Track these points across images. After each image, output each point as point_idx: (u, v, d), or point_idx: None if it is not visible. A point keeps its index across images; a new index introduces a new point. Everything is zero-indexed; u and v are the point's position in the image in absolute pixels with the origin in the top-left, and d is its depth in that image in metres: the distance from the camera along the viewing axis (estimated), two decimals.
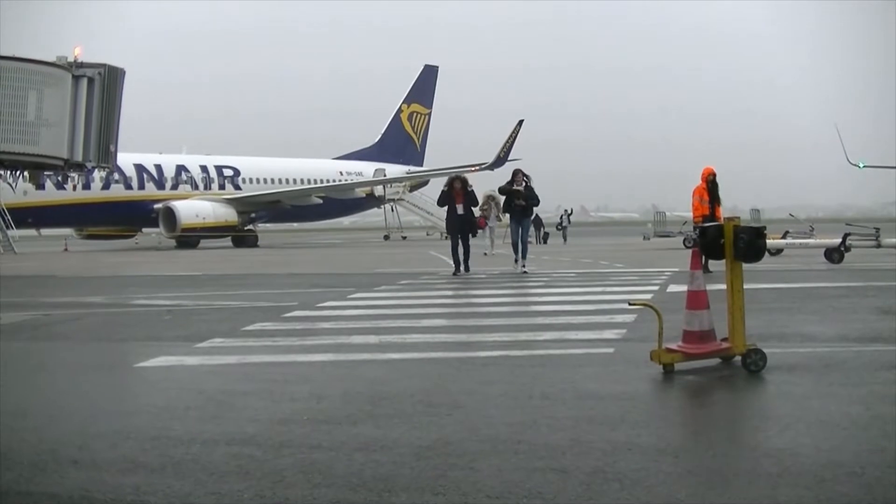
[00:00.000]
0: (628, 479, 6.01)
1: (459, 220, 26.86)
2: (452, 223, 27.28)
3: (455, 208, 26.72)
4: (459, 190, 26.82)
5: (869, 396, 8.50)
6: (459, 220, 26.86)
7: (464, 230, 26.85)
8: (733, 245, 9.87)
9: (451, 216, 27.19)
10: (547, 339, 12.50)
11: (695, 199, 25.81)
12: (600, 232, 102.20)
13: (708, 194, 25.48)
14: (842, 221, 37.58)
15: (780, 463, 6.33)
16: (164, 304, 18.47)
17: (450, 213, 27.17)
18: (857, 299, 17.18)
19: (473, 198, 27.92)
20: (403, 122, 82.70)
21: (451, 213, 27.00)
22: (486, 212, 40.85)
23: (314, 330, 13.89)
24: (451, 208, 26.93)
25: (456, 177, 27.96)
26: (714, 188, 25.53)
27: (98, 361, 11.81)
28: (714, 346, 10.04)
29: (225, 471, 6.37)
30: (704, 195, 25.58)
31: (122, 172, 56.72)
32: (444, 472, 6.30)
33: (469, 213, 27.16)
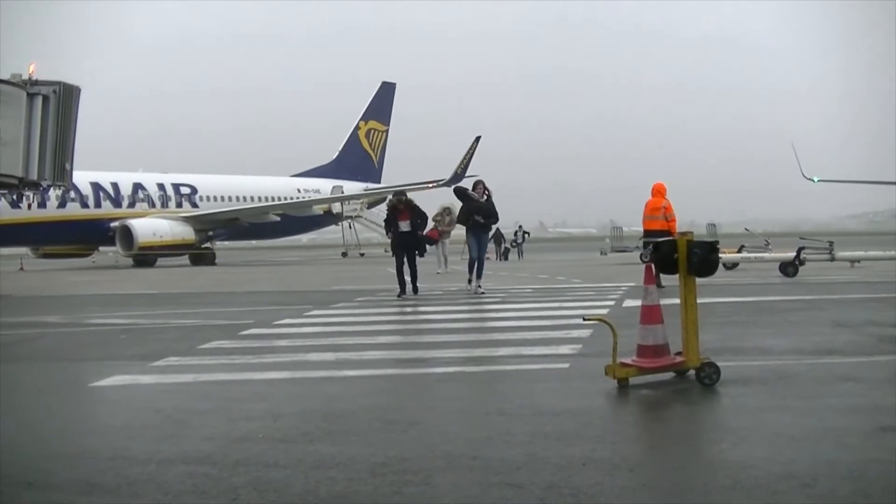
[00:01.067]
0: (584, 493, 6.04)
1: (404, 237, 25.21)
2: (396, 241, 25.51)
3: (398, 225, 25.14)
4: (404, 210, 25.30)
5: (823, 409, 8.56)
6: (404, 238, 25.21)
7: (410, 249, 25.20)
8: (687, 260, 9.94)
9: (394, 233, 25.48)
10: (503, 355, 12.52)
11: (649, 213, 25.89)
12: (558, 247, 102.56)
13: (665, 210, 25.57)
14: (797, 235, 37.82)
15: (734, 476, 6.37)
16: (120, 324, 18.38)
17: (393, 231, 25.46)
18: (811, 312, 17.31)
19: (420, 213, 25.85)
20: (361, 139, 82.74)
21: (395, 231, 25.32)
22: (441, 224, 38.58)
23: (271, 348, 13.86)
24: (394, 225, 25.31)
25: (397, 199, 26.08)
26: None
27: (54, 382, 11.74)
28: (668, 361, 10.09)
29: (181, 490, 6.35)
30: (645, 212, 25.77)
31: (79, 191, 56.43)
32: (400, 488, 6.31)
33: (415, 229, 25.40)
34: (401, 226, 25.04)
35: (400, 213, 25.18)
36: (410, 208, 25.46)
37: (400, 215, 25.13)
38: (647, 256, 21.60)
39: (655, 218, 25.63)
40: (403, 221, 25.04)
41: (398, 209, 25.33)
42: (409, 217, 25.11)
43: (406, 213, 25.17)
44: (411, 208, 25.48)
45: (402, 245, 25.22)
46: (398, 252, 25.28)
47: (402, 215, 25.12)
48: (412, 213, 25.29)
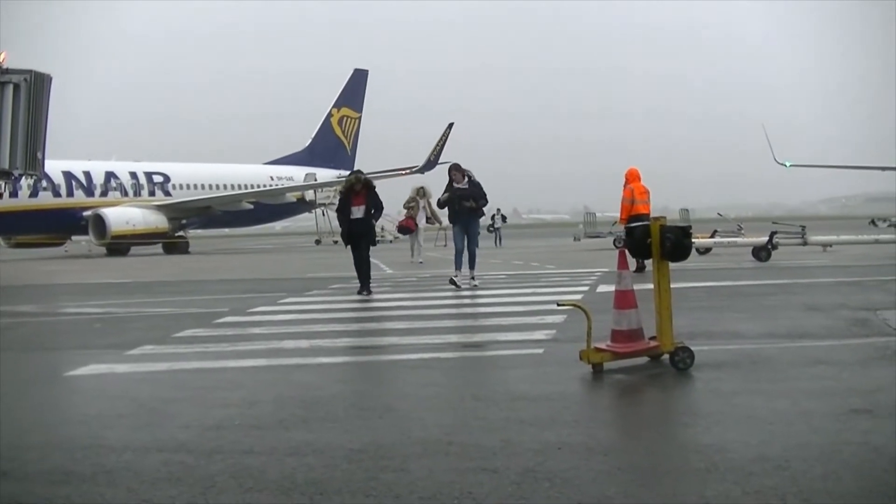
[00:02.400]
0: (559, 478, 6.07)
1: (354, 225, 21.50)
2: (345, 229, 21.97)
3: (349, 211, 21.47)
4: (361, 191, 21.55)
5: (795, 392, 8.63)
6: (354, 226, 21.52)
7: (360, 239, 21.63)
8: (660, 245, 9.98)
9: (343, 221, 21.86)
10: (477, 341, 12.58)
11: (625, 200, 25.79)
12: (532, 234, 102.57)
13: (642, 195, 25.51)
14: (770, 220, 37.94)
15: (708, 459, 6.42)
16: (94, 313, 18.33)
17: (342, 218, 21.91)
18: (783, 296, 17.41)
19: (377, 201, 21.87)
20: (334, 127, 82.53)
21: (345, 217, 21.68)
22: (413, 210, 35.69)
23: (245, 335, 13.85)
24: (343, 209, 21.85)
25: (355, 178, 22.09)
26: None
27: (28, 371, 11.71)
28: (642, 345, 10.14)
29: (157, 478, 6.36)
30: (635, 195, 25.65)
31: (51, 180, 56.13)
32: (376, 474, 6.33)
33: (368, 217, 21.66)
34: (353, 211, 21.40)
35: (355, 196, 21.52)
36: (368, 191, 21.70)
37: (355, 198, 21.49)
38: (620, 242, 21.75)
39: (645, 202, 25.46)
40: (357, 207, 21.40)
41: (354, 190, 21.64)
42: (364, 201, 21.45)
43: (362, 197, 21.48)
44: (369, 191, 21.71)
45: (352, 234, 21.64)
46: (350, 242, 21.85)
47: (358, 198, 21.47)
48: (369, 198, 21.55)
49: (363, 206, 21.44)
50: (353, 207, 21.45)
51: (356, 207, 21.43)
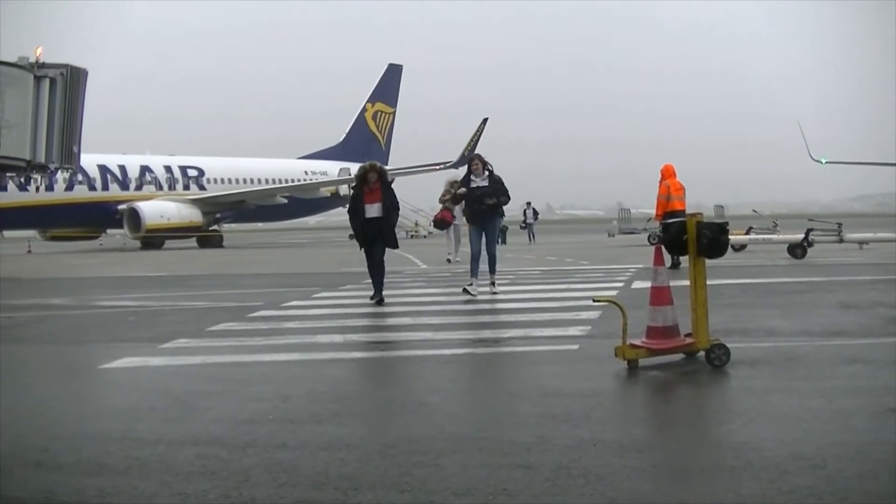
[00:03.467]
0: (593, 474, 6.04)
1: (368, 226, 18.24)
2: (358, 230, 18.65)
3: (363, 209, 18.23)
4: (375, 184, 18.22)
5: (830, 390, 8.57)
6: (368, 227, 18.26)
7: (375, 239, 18.39)
8: (696, 241, 9.93)
9: (356, 220, 18.55)
10: (512, 337, 12.54)
11: (661, 196, 25.67)
12: (566, 230, 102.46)
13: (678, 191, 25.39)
14: (805, 217, 37.76)
15: (742, 457, 6.37)
16: (128, 306, 18.42)
17: (355, 217, 18.59)
18: (819, 294, 17.31)
19: (393, 196, 18.58)
20: (368, 121, 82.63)
21: (357, 217, 18.42)
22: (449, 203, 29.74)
23: (279, 329, 13.87)
24: (356, 210, 18.48)
25: (370, 167, 18.60)
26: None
27: (62, 364, 11.78)
28: (678, 342, 10.09)
29: (190, 471, 6.36)
30: (671, 192, 25.54)
31: (86, 173, 56.38)
32: (410, 469, 6.31)
33: (386, 215, 18.23)
34: (367, 210, 18.14)
35: (369, 191, 18.23)
36: (384, 184, 18.43)
37: (369, 194, 18.22)
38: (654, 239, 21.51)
39: (681, 198, 25.34)
40: (371, 204, 18.15)
41: (368, 183, 18.24)
42: (380, 197, 18.20)
43: (377, 192, 18.22)
44: (385, 185, 18.45)
45: (368, 236, 18.35)
46: (365, 245, 18.55)
47: (373, 195, 18.19)
48: (385, 193, 18.31)
49: (378, 202, 18.14)
50: (366, 205, 18.15)
51: (370, 205, 18.14)
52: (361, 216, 18.19)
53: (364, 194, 18.23)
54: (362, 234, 18.37)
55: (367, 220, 18.14)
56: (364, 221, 18.18)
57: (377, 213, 18.11)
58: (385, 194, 18.24)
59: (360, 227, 18.37)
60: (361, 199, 18.26)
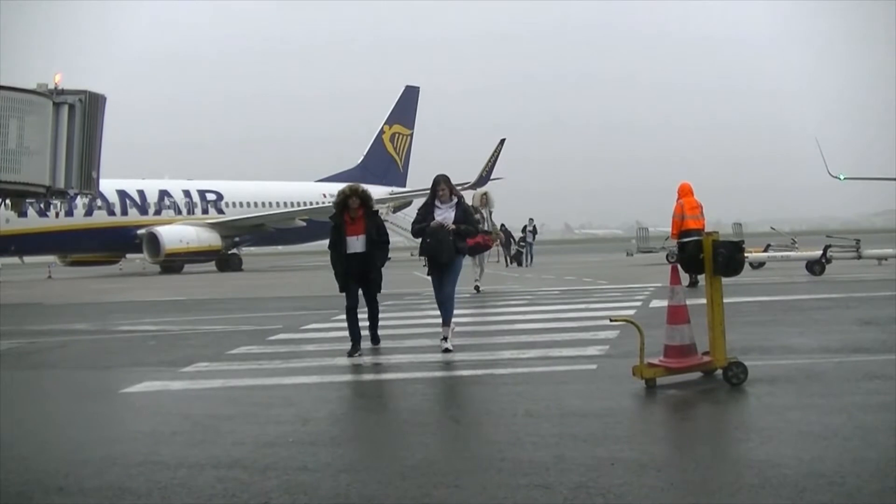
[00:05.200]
0: (612, 493, 6.07)
1: (354, 262, 14.42)
2: (339, 268, 14.58)
3: (344, 241, 14.42)
4: (358, 211, 14.45)
5: (850, 407, 8.57)
6: (354, 263, 14.43)
7: (363, 278, 14.61)
8: (712, 260, 9.95)
9: (336, 256, 14.58)
10: (530, 357, 12.54)
11: (675, 215, 25.67)
12: (584, 249, 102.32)
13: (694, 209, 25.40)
14: (824, 233, 37.63)
15: (761, 474, 6.39)
16: (148, 330, 18.47)
17: (335, 252, 14.59)
18: (837, 311, 17.28)
19: (380, 223, 14.94)
20: (385, 144, 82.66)
21: (338, 249, 14.50)
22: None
23: (298, 352, 13.91)
24: (337, 241, 14.51)
25: (351, 190, 14.65)
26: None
27: (83, 388, 11.83)
28: (695, 360, 10.11)
29: (211, 494, 6.40)
30: (686, 211, 25.54)
31: (105, 198, 56.47)
32: (430, 490, 6.35)
33: (372, 249, 14.47)
34: (349, 244, 14.40)
35: (351, 221, 14.48)
36: (368, 212, 14.66)
37: (351, 224, 14.47)
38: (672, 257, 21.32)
39: (696, 217, 25.36)
40: (355, 236, 14.42)
41: (349, 210, 14.45)
42: (363, 228, 14.44)
43: (360, 222, 14.48)
44: (369, 213, 14.68)
45: (351, 273, 14.51)
46: (345, 284, 14.64)
47: (356, 225, 14.46)
48: (370, 223, 14.58)
49: (362, 235, 14.36)
50: (348, 238, 14.37)
51: (353, 238, 14.36)
52: (342, 251, 14.36)
53: (346, 224, 14.40)
54: (343, 274, 14.45)
55: (350, 257, 14.33)
56: (347, 258, 14.36)
57: (361, 247, 14.32)
58: (370, 224, 14.44)
59: (340, 264, 14.44)
60: (343, 230, 14.39)
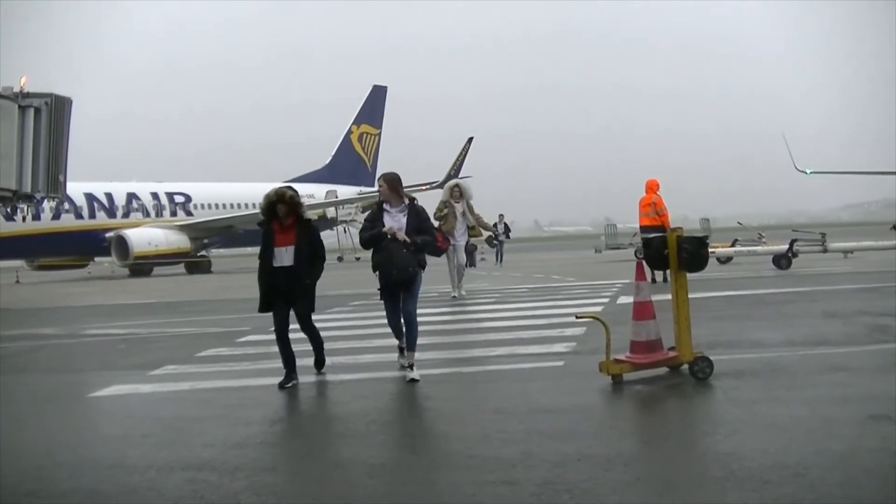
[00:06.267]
0: (578, 489, 6.13)
1: (279, 277, 11.87)
2: (266, 282, 11.99)
3: (272, 254, 11.92)
4: (288, 219, 11.93)
5: (815, 399, 8.68)
6: (276, 280, 11.89)
7: (292, 297, 11.97)
8: (677, 255, 10.02)
9: (262, 273, 12.04)
10: (498, 355, 12.58)
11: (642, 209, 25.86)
12: (553, 246, 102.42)
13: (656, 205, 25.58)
14: (791, 228, 37.75)
15: (726, 467, 6.47)
16: (117, 334, 18.41)
17: (261, 264, 12.07)
18: (803, 304, 17.40)
19: (314, 237, 12.13)
20: (354, 144, 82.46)
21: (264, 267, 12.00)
22: (447, 220, 23.07)
23: (267, 354, 13.89)
24: (264, 255, 12.01)
25: (278, 195, 12.00)
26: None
27: (53, 393, 11.79)
28: (661, 356, 10.18)
29: (180, 496, 6.44)
30: (640, 208, 25.81)
31: (73, 202, 56.11)
32: (398, 488, 6.40)
33: (301, 265, 11.85)
34: (277, 255, 11.90)
35: (280, 229, 11.98)
36: (300, 221, 12.12)
37: (280, 233, 11.99)
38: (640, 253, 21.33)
39: (647, 214, 25.57)
40: (284, 247, 11.90)
41: (277, 217, 11.96)
42: (293, 238, 11.92)
43: (290, 231, 11.96)
44: (301, 222, 12.14)
45: (278, 291, 11.92)
46: (274, 305, 12.07)
47: (284, 234, 11.97)
48: (301, 233, 12.01)
49: (291, 246, 11.86)
50: (275, 248, 11.92)
51: (281, 249, 11.89)
52: (268, 263, 11.94)
53: (274, 233, 12.00)
54: (266, 289, 11.98)
55: (277, 271, 11.86)
56: (273, 273, 11.91)
57: (290, 260, 11.85)
58: (301, 235, 11.97)
59: (265, 278, 12.00)
60: (271, 239, 11.99)
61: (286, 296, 11.93)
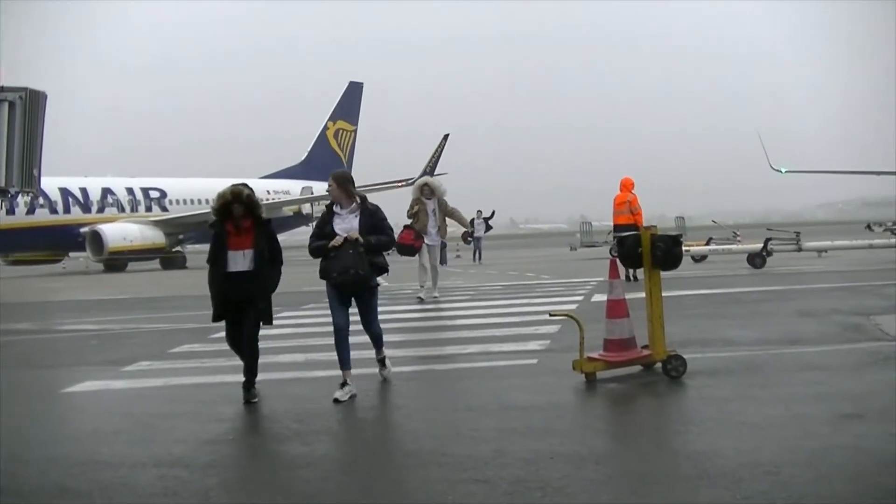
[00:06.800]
0: (551, 487, 6.13)
1: (232, 284, 10.61)
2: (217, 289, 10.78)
3: (225, 259, 10.61)
4: (244, 220, 10.66)
5: (788, 397, 8.70)
6: (232, 287, 10.61)
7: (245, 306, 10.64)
8: (651, 253, 10.03)
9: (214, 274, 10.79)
10: (472, 353, 12.58)
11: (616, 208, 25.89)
12: (528, 244, 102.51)
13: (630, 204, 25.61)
14: (767, 226, 37.82)
15: (699, 465, 6.48)
16: (91, 329, 18.36)
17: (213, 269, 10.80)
18: (777, 303, 17.44)
19: (272, 240, 10.98)
20: (330, 140, 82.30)
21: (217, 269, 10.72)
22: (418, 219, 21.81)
23: None
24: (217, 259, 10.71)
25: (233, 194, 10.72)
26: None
27: (25, 388, 11.75)
28: (635, 354, 10.19)
29: (152, 492, 6.42)
30: (614, 206, 25.85)
31: (47, 196, 55.91)
32: (370, 486, 6.40)
33: (260, 270, 10.62)
34: (231, 259, 10.59)
35: (238, 231, 10.68)
36: (258, 222, 10.86)
37: (235, 236, 10.69)
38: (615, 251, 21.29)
39: (622, 212, 25.54)
40: (239, 251, 10.62)
41: (232, 218, 10.67)
42: (251, 241, 10.66)
43: (248, 234, 10.69)
44: (259, 223, 10.88)
45: (231, 300, 10.69)
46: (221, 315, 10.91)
47: (241, 237, 10.67)
48: (259, 235, 10.75)
49: (249, 249, 10.61)
50: (230, 252, 10.62)
51: (237, 253, 10.61)
52: (224, 267, 10.62)
53: (229, 235, 10.71)
54: (222, 297, 10.73)
55: (230, 276, 10.58)
56: (226, 277, 10.61)
57: (247, 265, 10.57)
58: (259, 237, 10.74)
59: (219, 284, 10.73)
60: (224, 242, 10.71)
61: (240, 304, 10.59)
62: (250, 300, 10.59)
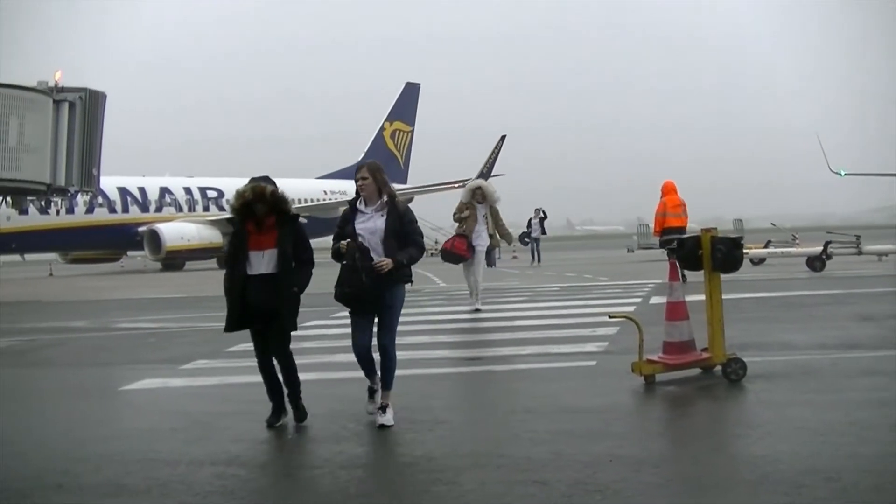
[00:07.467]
0: (609, 489, 6.09)
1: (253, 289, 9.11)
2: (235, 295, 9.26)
3: (245, 259, 9.13)
4: (267, 218, 9.14)
5: (846, 403, 8.60)
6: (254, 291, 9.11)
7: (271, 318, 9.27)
8: (711, 256, 9.96)
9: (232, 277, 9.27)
10: (529, 354, 12.53)
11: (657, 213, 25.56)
12: (585, 245, 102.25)
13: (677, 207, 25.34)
14: (823, 229, 37.56)
15: (758, 470, 6.41)
16: (148, 328, 18.48)
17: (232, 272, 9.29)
18: (836, 307, 17.27)
19: (300, 239, 9.37)
20: (386, 140, 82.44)
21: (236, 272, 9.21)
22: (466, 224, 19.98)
23: (297, 349, 13.69)
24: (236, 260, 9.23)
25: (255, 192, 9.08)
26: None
27: (83, 386, 11.83)
28: (694, 357, 10.12)
29: (209, 490, 6.42)
30: (668, 209, 25.56)
31: (106, 196, 56.32)
32: (428, 487, 6.37)
33: (285, 273, 9.12)
34: (253, 260, 9.14)
35: (259, 229, 9.20)
36: (282, 220, 9.30)
37: (256, 234, 9.20)
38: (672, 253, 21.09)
39: (677, 215, 25.34)
40: (261, 251, 9.15)
41: (254, 216, 9.16)
42: (274, 241, 9.16)
43: (270, 232, 9.19)
44: (283, 221, 9.31)
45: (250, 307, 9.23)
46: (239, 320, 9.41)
47: (262, 235, 9.19)
48: (284, 231, 9.25)
49: (272, 249, 9.14)
50: (251, 252, 9.17)
51: (258, 253, 9.16)
52: (243, 270, 9.21)
53: (249, 235, 9.25)
54: (239, 304, 9.27)
55: (252, 280, 9.15)
56: (247, 281, 9.17)
57: (270, 267, 9.15)
58: (284, 235, 9.25)
59: (237, 289, 9.26)
60: (245, 242, 9.24)
61: (262, 312, 9.22)
62: (274, 308, 9.17)
